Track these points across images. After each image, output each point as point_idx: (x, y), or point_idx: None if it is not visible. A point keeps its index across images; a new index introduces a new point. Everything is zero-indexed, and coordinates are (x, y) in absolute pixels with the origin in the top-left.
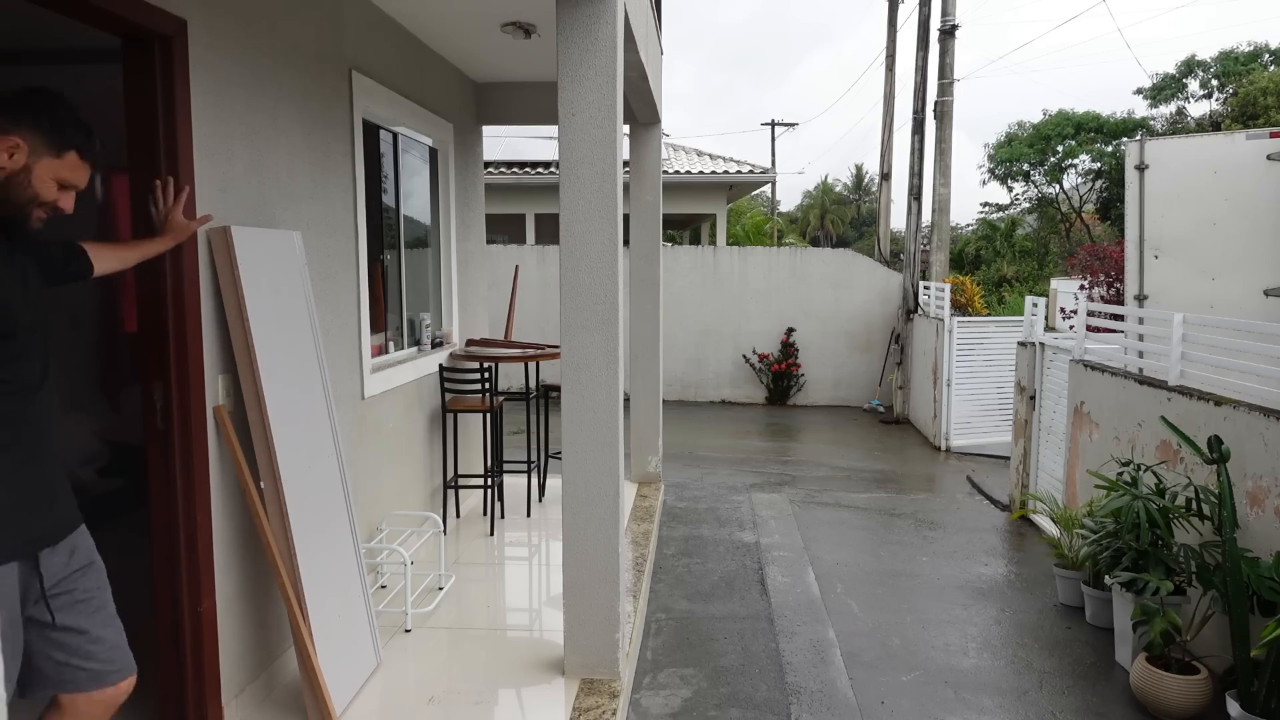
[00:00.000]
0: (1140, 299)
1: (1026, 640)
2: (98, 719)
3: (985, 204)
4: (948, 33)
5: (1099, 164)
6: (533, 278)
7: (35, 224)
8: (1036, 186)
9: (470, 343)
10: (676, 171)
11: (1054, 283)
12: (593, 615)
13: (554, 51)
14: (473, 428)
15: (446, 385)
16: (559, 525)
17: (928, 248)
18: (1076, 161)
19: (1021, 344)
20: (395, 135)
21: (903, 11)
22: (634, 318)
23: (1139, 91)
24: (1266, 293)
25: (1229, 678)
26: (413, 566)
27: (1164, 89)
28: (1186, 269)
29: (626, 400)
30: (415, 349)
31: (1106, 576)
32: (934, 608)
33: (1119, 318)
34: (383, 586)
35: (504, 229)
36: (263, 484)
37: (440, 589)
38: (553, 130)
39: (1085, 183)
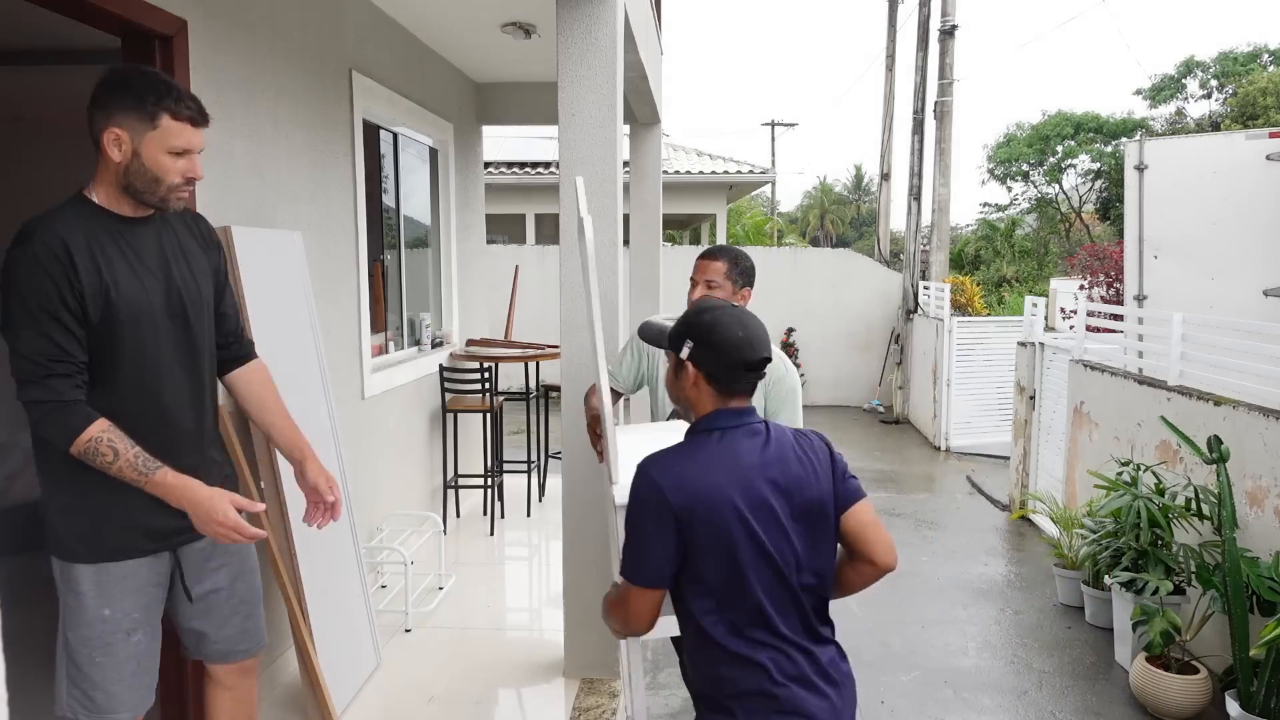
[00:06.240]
0: (1140, 299)
1: (1026, 640)
2: (238, 678)
3: (985, 204)
4: (948, 33)
5: (1099, 164)
6: (533, 278)
7: (174, 205)
8: (1036, 186)
9: (470, 343)
10: (676, 171)
11: (1054, 283)
12: (593, 615)
13: (554, 51)
14: (473, 428)
15: (446, 385)
16: (559, 525)
17: (928, 248)
18: (1076, 162)
19: (1021, 344)
20: (395, 135)
21: (903, 11)
22: (634, 318)
23: (1138, 92)
24: (1266, 293)
25: (1228, 678)
26: (413, 566)
27: (1163, 89)
28: (1186, 269)
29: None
30: (415, 349)
31: (1106, 576)
32: (934, 607)
33: (1119, 318)
34: (383, 586)
35: (504, 229)
36: (263, 484)
37: (440, 589)
38: (553, 130)
39: (1085, 183)
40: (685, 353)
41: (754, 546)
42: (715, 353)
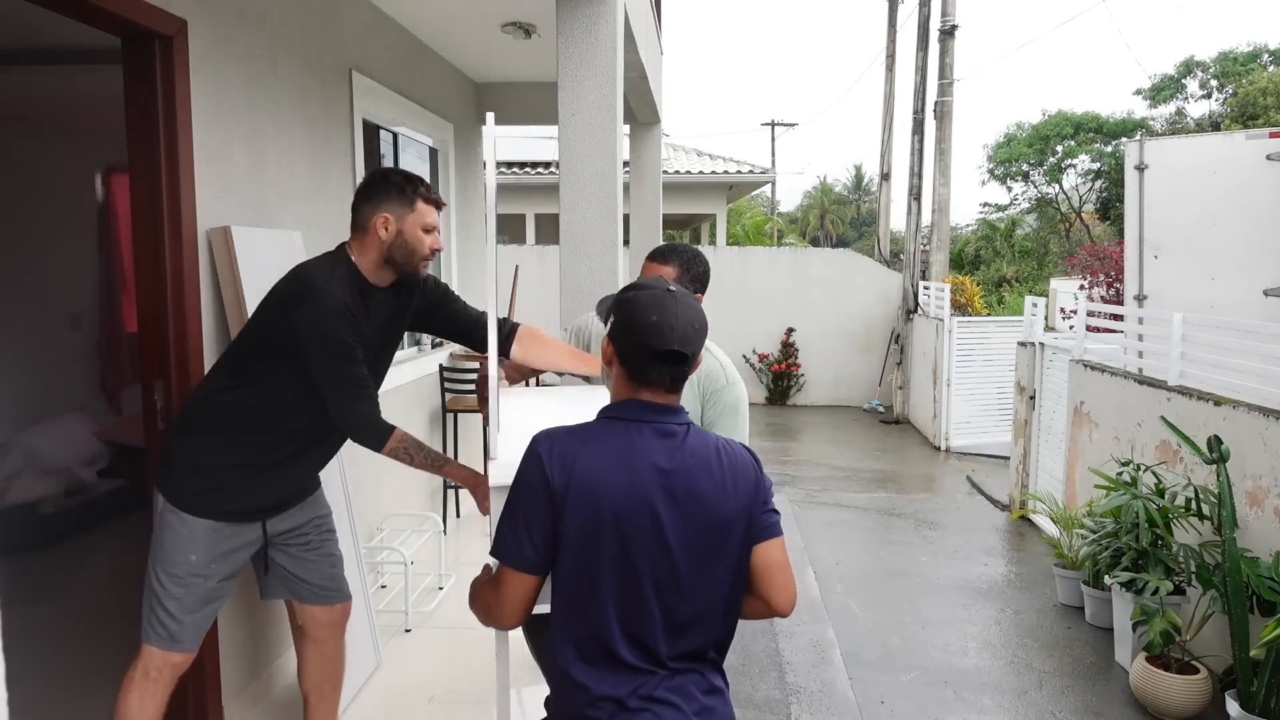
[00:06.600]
0: (1140, 299)
1: (1026, 640)
2: (326, 631)
3: (985, 204)
4: (948, 33)
5: (1098, 164)
6: (533, 278)
7: (422, 272)
8: (1036, 186)
9: None
10: (676, 171)
11: (1054, 283)
12: None
13: (554, 51)
14: (473, 428)
15: (446, 385)
16: None
17: (928, 248)
18: (1076, 162)
19: (1021, 344)
20: (395, 135)
21: (903, 11)
22: None
23: (1138, 92)
24: (1266, 293)
25: (1228, 678)
26: (413, 566)
27: (1163, 89)
28: (1186, 269)
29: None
30: (415, 349)
31: (1106, 576)
32: (934, 607)
33: (1119, 318)
34: (383, 586)
35: (504, 229)
36: None
37: (440, 589)
38: (553, 130)
39: (1085, 183)
40: (607, 327)
41: (619, 555)
42: (625, 332)
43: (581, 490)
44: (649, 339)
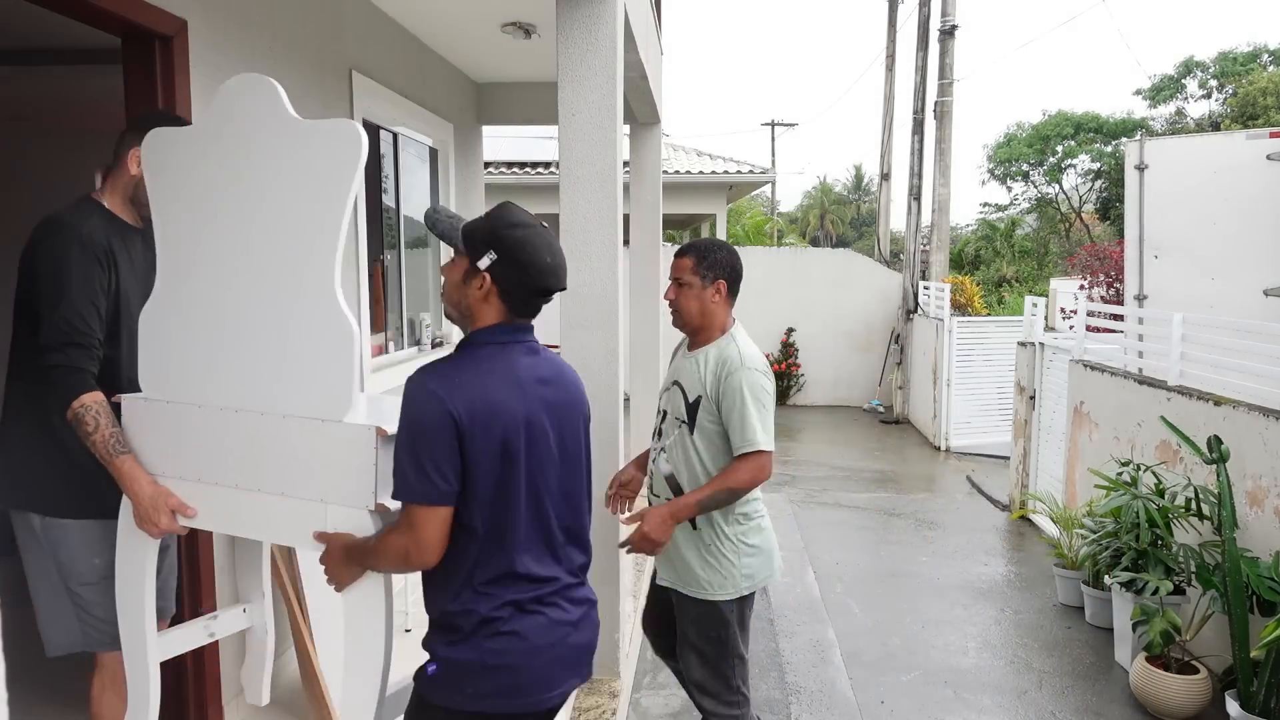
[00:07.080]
0: (1140, 299)
1: (1026, 640)
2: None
3: (985, 204)
4: (947, 33)
5: (1098, 164)
6: None
7: None
8: (1036, 186)
9: None
10: (676, 171)
11: (1054, 283)
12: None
13: (554, 51)
14: None
15: None
16: None
17: (927, 248)
18: (1076, 162)
19: (1021, 344)
20: (395, 135)
21: (903, 11)
22: (634, 318)
23: (1138, 92)
24: (1266, 293)
25: (1228, 678)
26: None
27: (1163, 89)
28: (1186, 269)
29: (626, 400)
30: (415, 349)
31: (1106, 576)
32: (934, 607)
33: (1119, 318)
34: None
35: None
36: None
37: None
38: (553, 130)
39: (1085, 183)
40: (485, 263)
41: (525, 464)
42: (520, 273)
43: (484, 415)
44: (546, 280)
